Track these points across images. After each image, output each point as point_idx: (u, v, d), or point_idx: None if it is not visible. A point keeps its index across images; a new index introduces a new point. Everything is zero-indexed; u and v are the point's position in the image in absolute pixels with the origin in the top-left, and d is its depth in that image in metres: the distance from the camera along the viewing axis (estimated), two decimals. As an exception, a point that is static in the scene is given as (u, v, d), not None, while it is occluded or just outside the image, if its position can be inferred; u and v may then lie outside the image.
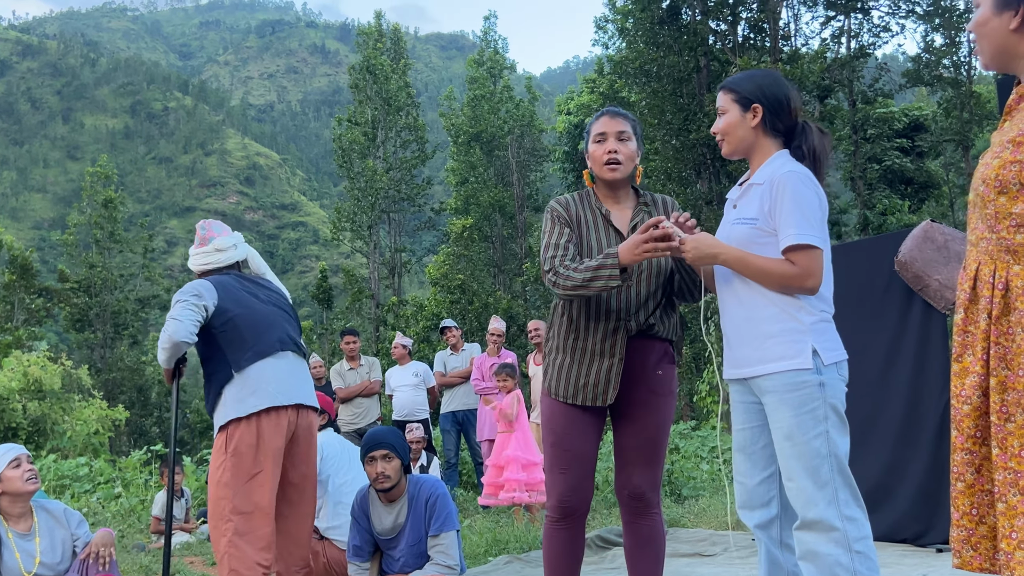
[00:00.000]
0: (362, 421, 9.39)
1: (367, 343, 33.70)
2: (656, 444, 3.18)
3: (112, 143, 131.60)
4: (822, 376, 2.58)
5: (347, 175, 36.44)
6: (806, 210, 2.61)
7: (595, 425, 3.19)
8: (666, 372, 3.19)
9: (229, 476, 3.79)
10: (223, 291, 4.01)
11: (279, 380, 3.93)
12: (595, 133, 3.21)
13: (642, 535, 3.17)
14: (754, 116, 2.75)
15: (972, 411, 1.94)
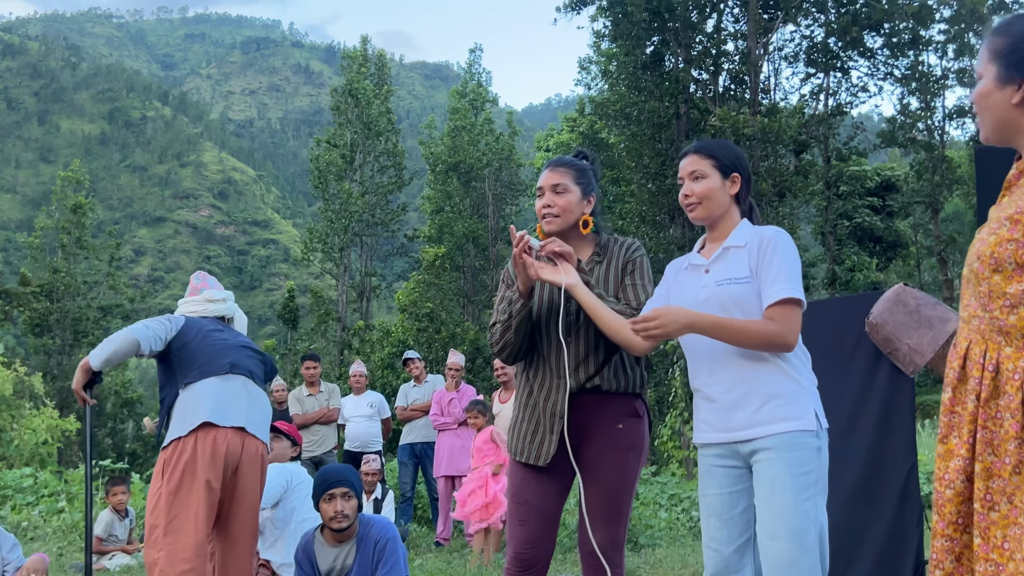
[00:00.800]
0: (318, 449, 9.19)
1: (330, 366, 33.36)
2: (616, 501, 3.07)
3: (87, 148, 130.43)
4: (820, 441, 2.58)
5: (322, 196, 36.26)
6: (794, 268, 2.63)
7: (556, 481, 3.11)
8: (627, 426, 3.07)
9: (163, 503, 3.68)
10: (192, 323, 4.04)
11: (220, 399, 3.82)
12: (537, 186, 3.18)
13: None
14: (733, 184, 2.77)
15: (955, 496, 1.85)
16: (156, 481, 3.77)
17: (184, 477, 3.67)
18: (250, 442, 3.84)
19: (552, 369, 3.06)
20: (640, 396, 3.15)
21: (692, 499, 12.70)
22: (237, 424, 3.80)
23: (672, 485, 14.31)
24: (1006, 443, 1.79)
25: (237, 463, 3.81)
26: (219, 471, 3.73)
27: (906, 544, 5.22)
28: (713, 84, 25.95)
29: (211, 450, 3.71)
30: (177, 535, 3.63)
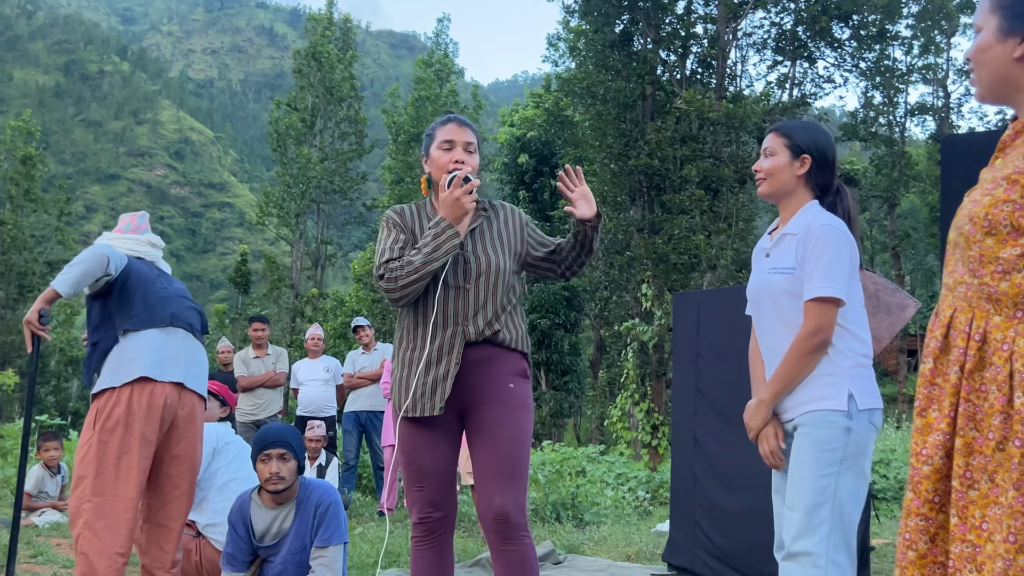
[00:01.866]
0: (262, 413, 8.98)
1: (281, 333, 32.97)
2: (515, 461, 2.96)
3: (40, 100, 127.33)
4: (851, 421, 2.62)
5: (280, 160, 35.71)
6: (835, 264, 2.66)
7: (447, 439, 3.05)
8: (518, 386, 3.03)
9: (94, 454, 3.54)
10: (134, 264, 3.85)
11: (160, 352, 3.69)
12: (442, 139, 3.12)
13: (512, 562, 2.91)
14: (802, 165, 2.83)
15: (932, 473, 1.73)
16: (88, 431, 3.61)
17: (117, 429, 3.55)
18: (187, 397, 3.74)
19: (448, 317, 3.01)
20: (526, 356, 3.13)
21: (639, 479, 12.71)
22: (176, 379, 3.69)
23: (620, 465, 14.32)
24: (990, 418, 1.68)
25: (173, 418, 3.71)
26: (155, 425, 3.62)
27: (862, 535, 5.18)
28: (680, 67, 25.88)
29: (147, 403, 3.59)
30: (107, 488, 3.52)
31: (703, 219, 21.98)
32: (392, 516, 8.44)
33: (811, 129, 2.89)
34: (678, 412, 6.20)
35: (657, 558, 6.57)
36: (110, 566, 3.49)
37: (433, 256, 2.94)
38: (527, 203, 31.88)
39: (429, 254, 2.94)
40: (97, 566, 3.48)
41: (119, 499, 3.52)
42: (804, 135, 2.86)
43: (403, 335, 3.10)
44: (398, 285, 2.95)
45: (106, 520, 3.49)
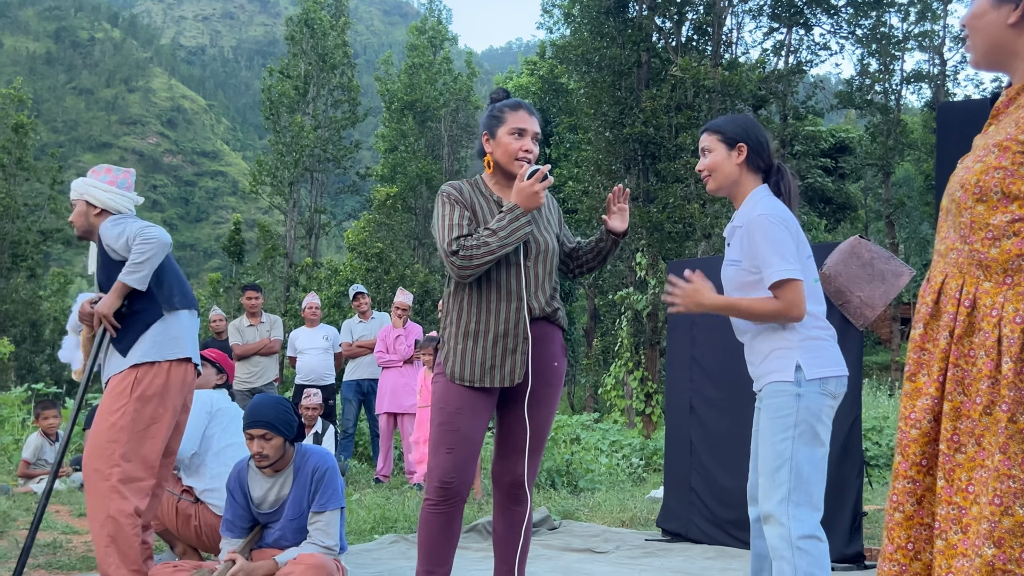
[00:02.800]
0: (258, 381, 9.01)
1: (275, 302, 32.96)
2: (542, 437, 3.27)
3: (31, 67, 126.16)
4: (800, 389, 2.85)
5: (273, 128, 35.49)
6: (779, 247, 2.85)
7: (487, 409, 3.20)
8: (561, 365, 3.27)
9: (127, 420, 3.70)
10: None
11: (192, 334, 3.99)
12: (513, 125, 3.23)
13: (515, 521, 3.25)
14: (739, 154, 3.01)
15: (920, 436, 1.76)
16: (120, 398, 3.72)
17: (153, 400, 3.75)
18: (192, 374, 3.99)
19: (511, 292, 3.15)
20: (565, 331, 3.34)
21: (633, 446, 12.79)
22: (197, 360, 4.01)
23: (614, 432, 14.41)
24: (978, 382, 1.70)
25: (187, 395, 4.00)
26: (183, 400, 3.89)
27: (845, 496, 5.24)
28: (676, 33, 25.72)
29: (182, 380, 3.85)
30: (135, 454, 3.70)
31: (698, 188, 21.95)
32: (388, 483, 8.51)
33: (739, 120, 3.08)
34: (673, 380, 6.24)
35: (651, 524, 6.64)
36: (134, 527, 3.68)
37: (507, 241, 3.07)
38: (522, 171, 31.80)
39: (504, 238, 3.07)
40: (125, 527, 3.65)
41: (145, 465, 3.74)
42: (734, 126, 3.04)
43: (461, 309, 3.20)
44: (472, 264, 3.06)
45: (133, 484, 3.69)
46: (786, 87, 26.72)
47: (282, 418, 3.73)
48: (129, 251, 3.78)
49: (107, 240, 3.85)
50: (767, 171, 3.06)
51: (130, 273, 3.73)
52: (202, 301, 33.83)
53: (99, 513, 3.64)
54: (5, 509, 5.84)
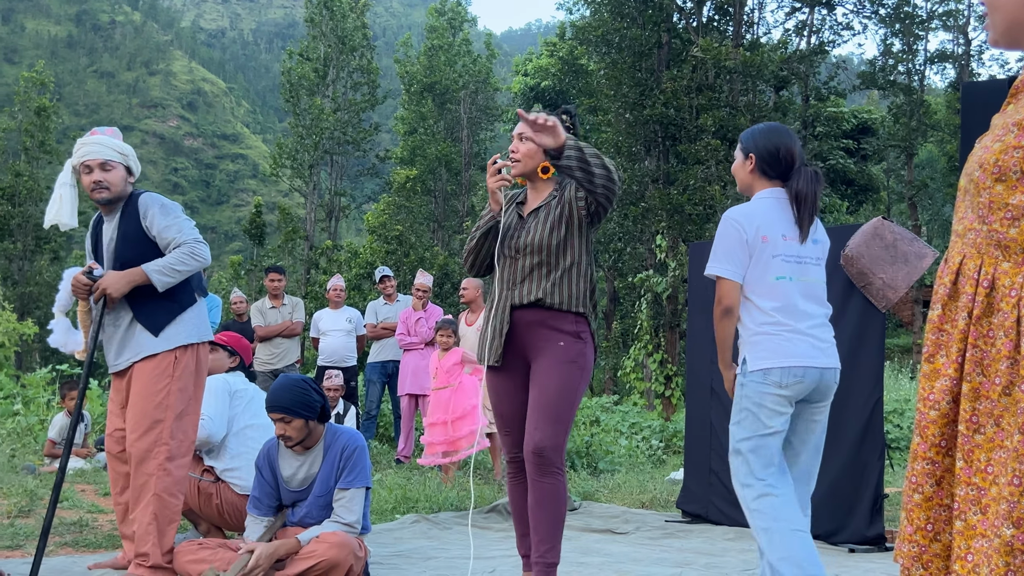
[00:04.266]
0: (279, 362, 9.08)
1: (296, 284, 33.10)
2: (556, 404, 3.37)
3: (53, 51, 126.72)
4: (743, 378, 3.26)
5: (293, 111, 35.52)
6: (718, 246, 3.28)
7: (521, 389, 3.56)
8: (568, 345, 3.42)
9: (172, 400, 3.81)
10: None
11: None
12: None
13: (543, 492, 3.35)
14: (751, 163, 3.37)
15: (939, 417, 1.76)
16: (163, 378, 3.81)
17: (192, 380, 3.89)
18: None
19: (503, 283, 3.54)
20: (583, 316, 3.47)
21: (652, 428, 12.81)
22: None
23: (633, 414, 14.43)
24: (997, 363, 1.70)
25: None
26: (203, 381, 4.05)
27: (866, 478, 5.23)
28: (697, 14, 25.51)
29: (204, 365, 4.00)
30: (179, 432, 3.82)
31: (719, 169, 21.83)
32: (408, 464, 8.57)
33: (757, 131, 3.41)
34: (693, 362, 6.24)
35: (671, 505, 6.66)
36: (178, 504, 3.81)
37: (478, 230, 3.61)
38: (541, 153, 31.69)
39: (473, 233, 3.61)
40: (170, 504, 3.77)
41: (186, 442, 3.87)
42: (749, 137, 3.40)
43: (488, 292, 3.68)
44: (466, 262, 3.65)
45: (177, 461, 3.80)
46: (808, 68, 26.47)
47: (299, 400, 3.75)
48: (165, 244, 3.81)
49: (152, 221, 3.85)
50: (784, 175, 3.36)
51: (163, 274, 3.76)
52: (223, 283, 34.03)
53: (145, 491, 3.73)
54: (32, 488, 5.93)
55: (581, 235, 3.49)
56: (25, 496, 5.69)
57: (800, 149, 3.37)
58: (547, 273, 3.45)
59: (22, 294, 33.52)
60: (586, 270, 3.47)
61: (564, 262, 3.45)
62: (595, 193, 3.34)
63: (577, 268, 3.46)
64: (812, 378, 3.18)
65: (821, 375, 3.21)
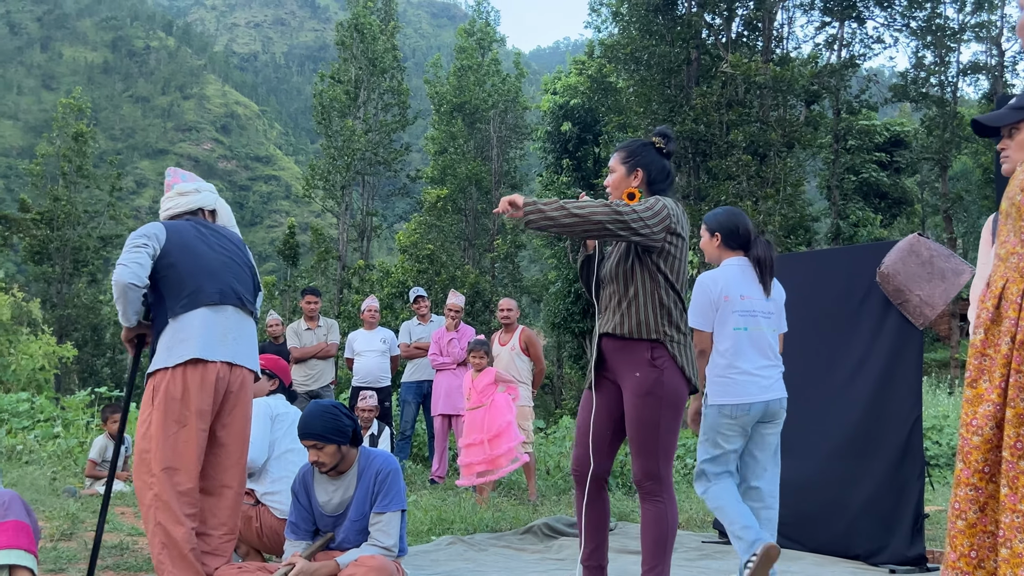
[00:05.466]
0: (315, 383, 9.14)
1: (329, 304, 33.32)
2: (639, 439, 3.52)
3: (89, 77, 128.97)
4: (706, 410, 4.16)
5: (325, 133, 35.88)
6: (693, 304, 4.13)
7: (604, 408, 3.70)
8: (643, 375, 3.49)
9: (155, 429, 3.74)
10: (173, 233, 3.93)
11: (210, 333, 3.85)
12: None
13: (645, 517, 3.52)
14: (716, 239, 4.27)
15: (982, 443, 1.75)
16: (146, 407, 3.81)
17: (174, 405, 3.75)
18: (237, 372, 3.92)
19: (598, 311, 3.72)
20: (659, 343, 3.51)
21: (687, 447, 12.72)
22: (225, 359, 3.87)
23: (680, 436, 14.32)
24: (1042, 388, 1.69)
25: (226, 391, 3.90)
26: (209, 399, 3.81)
27: (906, 497, 5.17)
28: (726, 30, 25.50)
29: (200, 380, 3.78)
30: (169, 460, 3.71)
31: (750, 184, 21.75)
32: (442, 484, 8.57)
33: (720, 214, 4.28)
34: (726, 380, 6.21)
35: (708, 525, 6.61)
36: (186, 533, 3.71)
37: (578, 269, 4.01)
38: (571, 171, 31.73)
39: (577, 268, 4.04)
40: (174, 534, 3.69)
41: (181, 470, 3.73)
42: (712, 220, 4.27)
43: None
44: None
45: (174, 491, 3.70)
46: (839, 81, 26.34)
47: (330, 426, 3.77)
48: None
49: None
50: (744, 246, 4.23)
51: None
52: (257, 304, 34.30)
53: (149, 521, 3.73)
54: (74, 511, 6.00)
55: (643, 263, 3.53)
56: (67, 519, 5.76)
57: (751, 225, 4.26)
58: (619, 302, 3.58)
59: (60, 317, 34.01)
60: (651, 296, 3.51)
61: (630, 291, 3.55)
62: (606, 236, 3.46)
63: (644, 295, 3.53)
64: (757, 410, 4.07)
65: (766, 406, 4.09)
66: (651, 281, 3.52)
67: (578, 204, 3.37)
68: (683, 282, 3.60)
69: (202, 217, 4.16)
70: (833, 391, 5.60)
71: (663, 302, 3.51)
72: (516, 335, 8.13)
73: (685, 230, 3.61)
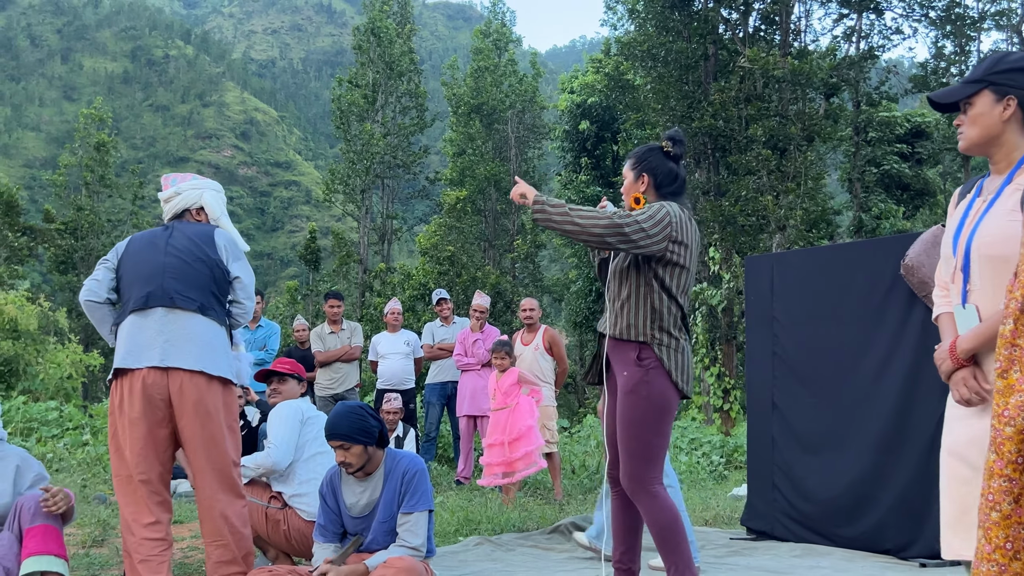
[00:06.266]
0: (340, 387, 9.18)
1: (352, 308, 33.43)
2: (624, 437, 3.53)
3: (110, 87, 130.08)
4: None
5: (344, 137, 36.02)
6: None
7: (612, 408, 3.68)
8: (629, 374, 3.51)
9: (109, 441, 3.85)
10: (130, 244, 3.97)
11: (133, 340, 3.78)
12: None
13: (644, 516, 3.53)
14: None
15: (1015, 434, 1.74)
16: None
17: (113, 415, 3.79)
18: (175, 376, 3.74)
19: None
20: (647, 345, 3.51)
21: (712, 443, 12.69)
22: (151, 364, 3.72)
23: (692, 430, 14.30)
24: (1074, 378, 1.67)
25: (168, 400, 3.76)
26: (139, 407, 3.72)
27: (936, 491, 5.12)
28: (743, 24, 25.38)
29: (128, 390, 3.74)
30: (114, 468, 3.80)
31: (770, 179, 21.65)
32: (468, 485, 8.59)
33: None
34: (753, 376, 6.19)
35: (735, 522, 6.59)
36: (140, 536, 3.69)
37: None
38: (589, 170, 31.71)
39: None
40: (126, 538, 3.75)
41: (122, 476, 3.76)
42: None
43: None
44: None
45: (123, 498, 3.76)
46: (858, 74, 26.15)
47: (357, 427, 3.78)
48: None
49: None
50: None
51: None
52: (280, 309, 34.47)
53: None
54: (104, 518, 6.06)
55: (639, 268, 3.55)
56: (98, 526, 5.82)
57: None
58: (614, 303, 3.62)
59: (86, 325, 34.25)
60: (644, 300, 3.52)
61: (623, 293, 3.58)
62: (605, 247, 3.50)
63: (636, 298, 3.54)
64: None
65: None
66: (645, 286, 3.52)
67: (582, 213, 3.41)
68: (684, 287, 3.56)
69: (188, 218, 4.10)
70: (860, 386, 5.57)
71: (655, 307, 3.50)
72: (539, 335, 8.14)
73: (689, 237, 3.56)
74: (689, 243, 3.55)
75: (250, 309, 4.06)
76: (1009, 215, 2.26)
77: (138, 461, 3.73)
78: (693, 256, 3.58)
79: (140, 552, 3.69)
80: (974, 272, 2.35)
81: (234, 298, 4.01)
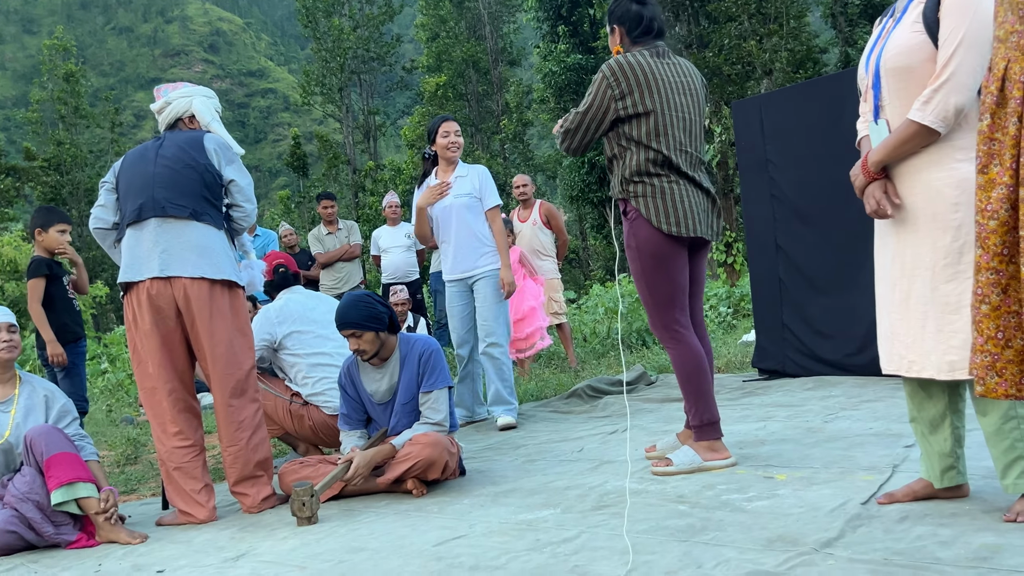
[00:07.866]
0: (344, 286, 9.23)
1: (346, 210, 33.35)
2: (640, 292, 3.67)
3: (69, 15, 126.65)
4: None
5: (313, 36, 35.26)
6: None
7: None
8: (624, 230, 3.65)
9: (130, 352, 3.95)
10: (125, 162, 3.96)
11: (132, 254, 3.82)
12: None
13: (673, 364, 3.67)
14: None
15: (999, 226, 1.76)
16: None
17: (130, 329, 3.85)
18: (177, 285, 3.76)
19: None
20: (624, 199, 3.60)
21: (719, 296, 12.82)
22: (153, 275, 3.73)
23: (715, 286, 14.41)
24: (1053, 163, 1.69)
25: (176, 308, 3.80)
26: (149, 316, 3.76)
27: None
28: None
29: (136, 303, 3.80)
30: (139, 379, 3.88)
31: (752, 23, 21.21)
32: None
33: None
34: (752, 221, 6.21)
35: (747, 367, 6.73)
36: (170, 446, 3.82)
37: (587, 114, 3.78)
38: (568, 38, 31.01)
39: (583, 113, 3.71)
40: (159, 448, 3.86)
41: (147, 388, 3.86)
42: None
43: None
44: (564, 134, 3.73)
45: (150, 410, 3.88)
46: None
47: (365, 314, 3.83)
48: None
49: None
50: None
51: None
52: (275, 219, 34.42)
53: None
54: (134, 436, 6.21)
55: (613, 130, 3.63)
56: (129, 445, 5.97)
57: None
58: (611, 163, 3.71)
59: (86, 259, 34.34)
60: (620, 156, 3.61)
61: (614, 145, 3.64)
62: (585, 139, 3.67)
63: (613, 157, 3.66)
64: None
65: None
66: (617, 145, 3.61)
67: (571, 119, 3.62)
68: (655, 129, 3.51)
69: (181, 127, 4.08)
70: (862, 217, 5.59)
71: (627, 161, 3.57)
72: (535, 209, 8.14)
73: (644, 80, 3.50)
74: (644, 86, 3.50)
75: (251, 212, 3.99)
76: (911, 27, 2.29)
77: (159, 372, 3.81)
78: (660, 95, 3.52)
79: (173, 460, 3.81)
80: (884, 87, 2.39)
81: (232, 201, 3.97)
